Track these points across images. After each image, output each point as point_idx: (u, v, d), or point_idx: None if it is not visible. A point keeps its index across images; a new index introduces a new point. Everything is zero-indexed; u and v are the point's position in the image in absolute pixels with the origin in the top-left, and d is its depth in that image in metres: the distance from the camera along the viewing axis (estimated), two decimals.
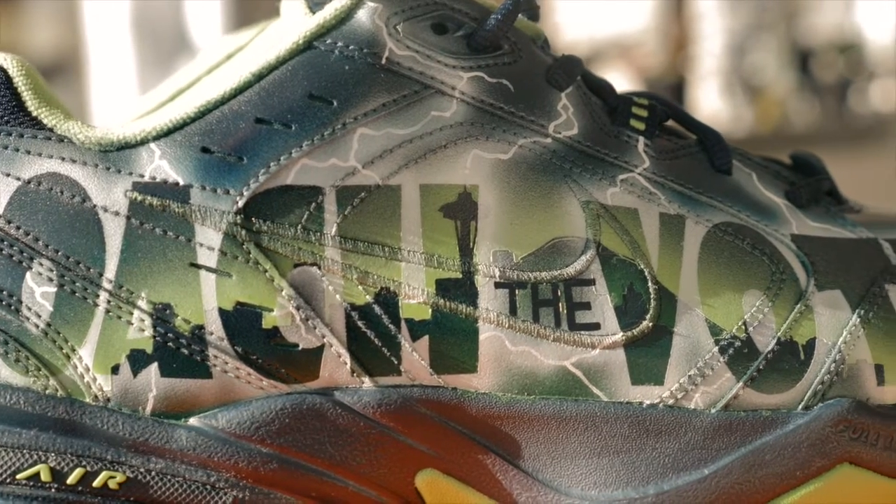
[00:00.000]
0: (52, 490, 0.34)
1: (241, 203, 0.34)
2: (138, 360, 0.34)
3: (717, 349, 0.35)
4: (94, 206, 0.34)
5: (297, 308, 0.34)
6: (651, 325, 0.35)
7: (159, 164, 0.35)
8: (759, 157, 0.40)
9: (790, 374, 0.35)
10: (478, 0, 0.38)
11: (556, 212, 0.35)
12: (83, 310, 0.34)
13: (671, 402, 0.35)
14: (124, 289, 0.34)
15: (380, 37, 0.35)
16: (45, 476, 0.34)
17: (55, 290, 0.34)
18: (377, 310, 0.35)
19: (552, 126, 0.36)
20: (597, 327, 0.35)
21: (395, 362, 0.35)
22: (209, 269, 0.34)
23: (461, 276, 0.35)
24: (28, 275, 0.34)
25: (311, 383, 0.35)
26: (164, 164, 0.35)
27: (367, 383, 0.35)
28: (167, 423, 0.35)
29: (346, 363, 0.35)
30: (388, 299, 0.35)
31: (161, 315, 0.34)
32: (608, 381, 0.35)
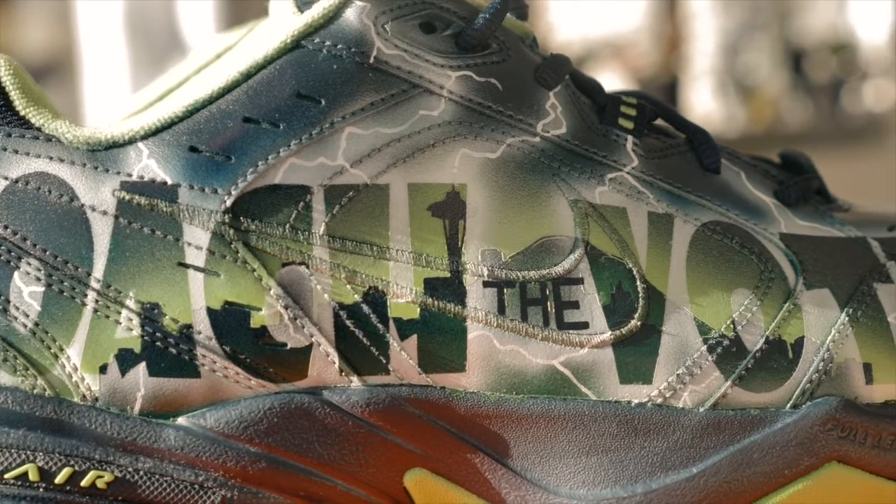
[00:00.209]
0: (40, 490, 0.34)
1: (229, 202, 0.34)
2: (126, 359, 0.34)
3: (705, 348, 0.35)
4: (82, 205, 0.34)
5: (286, 307, 0.34)
6: (639, 324, 0.35)
7: (147, 164, 0.35)
8: (749, 155, 0.40)
9: (778, 372, 0.35)
10: None
11: (544, 211, 0.35)
12: (71, 309, 0.34)
13: (659, 400, 0.35)
14: (112, 288, 0.34)
15: (368, 36, 0.35)
16: (32, 476, 0.34)
17: (43, 289, 0.34)
18: (365, 309, 0.35)
19: (540, 125, 0.36)
20: (585, 326, 0.35)
21: (384, 361, 0.35)
22: (197, 269, 0.34)
23: (449, 275, 0.35)
24: (16, 274, 0.34)
25: (300, 382, 0.35)
26: (152, 164, 0.34)
27: (355, 382, 0.35)
28: (155, 422, 0.34)
29: (334, 362, 0.35)
30: (376, 298, 0.35)
31: (149, 314, 0.34)
32: (596, 380, 0.35)
